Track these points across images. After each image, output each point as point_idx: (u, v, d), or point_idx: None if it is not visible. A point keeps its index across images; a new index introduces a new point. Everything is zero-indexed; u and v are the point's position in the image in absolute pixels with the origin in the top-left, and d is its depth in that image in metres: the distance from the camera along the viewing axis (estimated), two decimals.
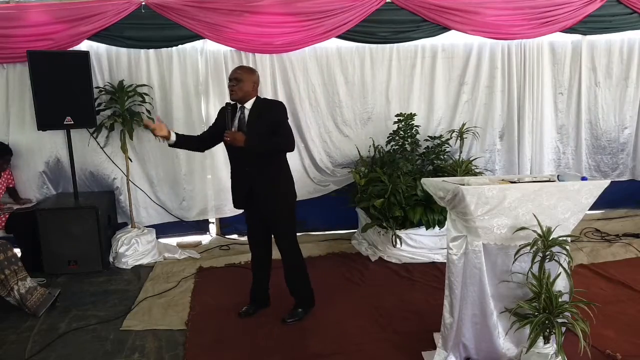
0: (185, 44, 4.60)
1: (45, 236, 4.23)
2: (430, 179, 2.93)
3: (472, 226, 2.64)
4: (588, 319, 2.61)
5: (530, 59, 5.05)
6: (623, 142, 5.44)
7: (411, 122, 4.69)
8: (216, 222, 5.22)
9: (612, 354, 2.93)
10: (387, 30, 4.77)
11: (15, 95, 4.46)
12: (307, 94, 4.88)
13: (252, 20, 4.53)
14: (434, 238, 4.41)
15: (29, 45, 4.21)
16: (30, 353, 3.13)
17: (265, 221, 3.39)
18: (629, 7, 4.96)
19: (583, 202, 2.66)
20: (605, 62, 5.22)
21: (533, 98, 5.13)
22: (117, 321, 3.51)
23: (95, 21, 4.31)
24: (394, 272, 4.23)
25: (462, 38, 4.93)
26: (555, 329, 2.52)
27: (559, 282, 2.65)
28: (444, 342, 2.84)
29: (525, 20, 4.86)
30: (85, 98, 4.24)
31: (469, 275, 2.69)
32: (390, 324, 3.38)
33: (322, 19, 4.60)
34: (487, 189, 2.56)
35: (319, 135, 4.99)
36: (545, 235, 2.52)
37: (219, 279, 4.16)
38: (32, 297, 3.57)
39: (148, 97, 4.54)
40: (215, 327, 3.41)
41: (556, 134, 5.33)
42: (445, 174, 4.53)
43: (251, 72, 3.30)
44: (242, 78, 3.20)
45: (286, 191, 3.36)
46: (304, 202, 5.07)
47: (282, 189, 3.33)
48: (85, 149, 4.64)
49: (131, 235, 4.56)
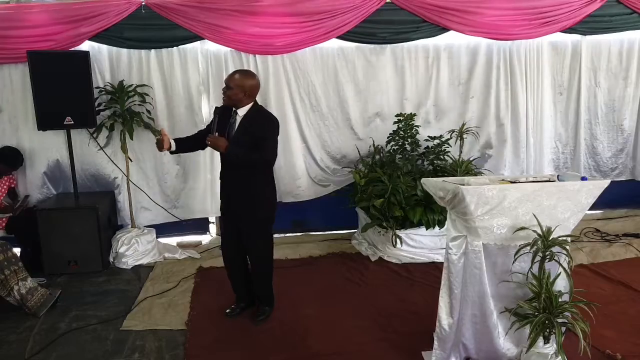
0: (185, 45, 4.60)
1: (45, 236, 4.23)
2: (430, 179, 2.93)
3: (472, 226, 2.64)
4: (588, 319, 2.61)
5: (530, 59, 5.05)
6: (622, 142, 5.44)
7: (411, 122, 4.70)
8: (216, 222, 5.22)
9: (612, 354, 2.93)
10: (387, 30, 4.77)
11: (18, 96, 4.47)
12: (307, 94, 4.88)
13: (252, 21, 4.53)
14: (434, 238, 4.41)
15: (30, 46, 4.20)
16: (31, 353, 3.13)
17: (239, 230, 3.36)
18: (629, 7, 4.96)
19: (583, 202, 2.66)
20: (605, 62, 5.22)
21: (533, 98, 5.13)
22: (117, 321, 3.51)
23: (96, 22, 4.32)
24: (394, 272, 4.23)
25: (462, 38, 4.93)
26: (555, 329, 2.53)
27: (559, 282, 2.66)
28: (440, 343, 2.82)
29: (525, 21, 4.86)
30: (85, 98, 4.24)
31: (468, 276, 2.70)
32: (390, 324, 3.38)
33: (322, 20, 4.61)
34: (487, 189, 2.56)
35: (319, 135, 4.99)
36: (545, 235, 2.52)
37: (219, 279, 4.14)
38: (32, 298, 3.57)
39: (148, 97, 4.54)
40: (215, 327, 3.41)
41: (556, 134, 5.34)
42: (445, 174, 4.53)
43: (244, 79, 3.19)
44: (232, 85, 3.17)
45: (264, 202, 3.32)
46: (304, 202, 5.10)
47: (260, 199, 3.29)
48: (86, 149, 4.64)
49: (131, 235, 4.56)
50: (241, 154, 3.14)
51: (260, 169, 3.26)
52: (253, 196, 3.26)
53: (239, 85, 3.17)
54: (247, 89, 3.19)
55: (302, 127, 4.92)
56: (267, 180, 3.34)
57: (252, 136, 3.16)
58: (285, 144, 4.89)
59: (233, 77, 3.21)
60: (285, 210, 5.01)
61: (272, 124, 3.25)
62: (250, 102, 3.24)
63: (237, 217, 3.35)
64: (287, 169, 4.96)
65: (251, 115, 3.22)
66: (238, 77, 3.20)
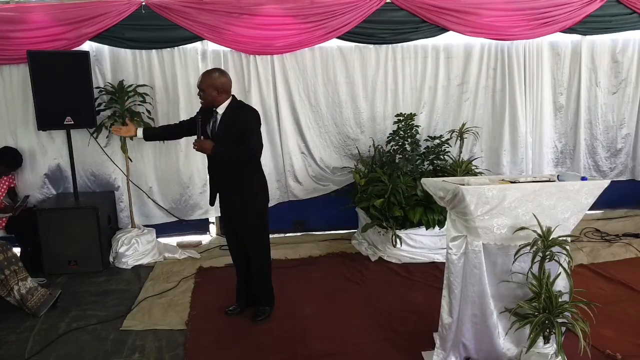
0: (186, 45, 4.60)
1: (45, 236, 4.23)
2: (430, 179, 2.93)
3: (472, 226, 2.64)
4: (588, 318, 2.61)
5: (530, 59, 5.06)
6: (622, 142, 5.44)
7: (411, 122, 4.70)
8: (216, 222, 5.22)
9: (612, 354, 2.93)
10: (386, 31, 4.78)
11: (19, 97, 4.47)
12: (307, 94, 4.89)
13: (252, 22, 4.53)
14: (434, 238, 4.41)
15: (33, 48, 4.20)
16: (31, 353, 3.13)
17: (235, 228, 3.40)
18: (628, 7, 4.97)
19: (583, 202, 2.66)
20: (605, 62, 5.23)
21: (533, 98, 5.13)
22: (117, 321, 3.51)
23: (97, 22, 4.33)
24: (394, 272, 4.24)
25: (462, 38, 4.93)
26: (555, 329, 2.53)
27: (559, 282, 2.65)
28: (442, 343, 2.84)
29: (525, 21, 4.86)
30: (86, 98, 4.25)
31: (469, 275, 2.70)
32: (390, 324, 3.38)
33: (323, 20, 4.61)
34: (487, 189, 2.56)
35: (319, 135, 5.00)
36: (545, 235, 2.52)
37: (219, 279, 4.15)
38: (32, 298, 3.57)
39: (148, 97, 4.54)
40: (215, 327, 3.41)
41: (555, 134, 5.34)
42: (445, 174, 4.53)
43: (212, 78, 3.17)
44: (203, 87, 3.18)
45: (255, 198, 3.34)
46: (304, 202, 5.10)
47: (251, 195, 3.31)
48: (86, 149, 4.64)
49: (131, 235, 4.56)
50: (227, 152, 3.16)
51: (247, 163, 3.27)
52: (244, 188, 3.27)
53: (210, 85, 3.17)
54: (219, 86, 3.19)
55: (302, 127, 4.92)
56: (256, 169, 3.34)
57: (234, 131, 3.18)
58: (285, 144, 4.90)
59: (202, 79, 3.20)
60: (285, 210, 5.03)
61: (251, 114, 3.26)
62: (227, 98, 3.25)
63: (232, 212, 3.36)
64: (287, 168, 4.97)
65: (230, 111, 3.24)
66: (206, 77, 3.21)
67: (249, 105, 3.41)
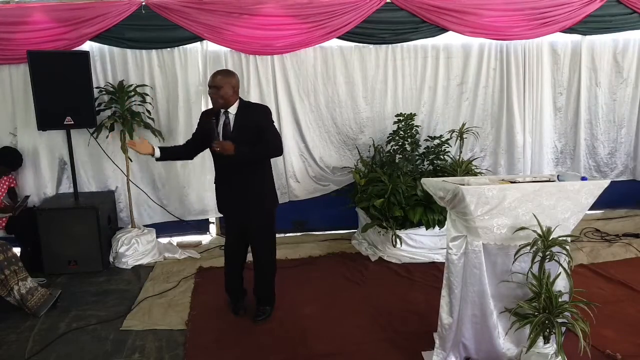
0: (186, 45, 4.61)
1: (45, 236, 4.23)
2: (430, 179, 2.93)
3: (472, 226, 2.64)
4: (588, 318, 2.61)
5: (530, 59, 5.06)
6: (622, 142, 5.44)
7: (411, 122, 4.70)
8: (216, 222, 5.22)
9: (612, 354, 2.93)
10: (386, 31, 4.78)
11: (19, 97, 4.47)
12: (307, 94, 4.89)
13: (252, 22, 4.54)
14: (434, 238, 4.41)
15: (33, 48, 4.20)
16: (31, 353, 3.13)
17: (244, 229, 3.39)
18: (628, 7, 4.97)
19: (583, 202, 2.66)
20: (605, 62, 5.23)
21: (533, 98, 5.13)
22: (117, 321, 3.51)
23: (97, 22, 4.33)
24: (394, 272, 4.23)
25: (461, 38, 4.94)
26: (555, 329, 2.52)
27: (559, 282, 2.65)
28: (442, 343, 2.83)
29: (525, 21, 4.87)
30: (86, 98, 4.24)
31: (468, 275, 2.70)
32: (390, 324, 3.38)
33: (323, 20, 4.62)
34: (487, 189, 2.56)
35: (319, 135, 5.00)
36: (545, 235, 2.52)
37: (219, 279, 4.12)
38: (32, 298, 3.57)
39: (148, 97, 4.54)
40: (215, 327, 3.41)
41: (555, 134, 5.34)
42: (445, 174, 4.53)
43: (229, 76, 3.20)
44: (221, 84, 3.15)
45: (267, 200, 3.37)
46: (304, 202, 5.10)
47: (264, 197, 3.33)
48: (86, 149, 4.64)
49: (131, 235, 4.56)
50: (249, 151, 3.14)
51: (261, 163, 3.28)
52: (257, 188, 3.28)
53: (228, 83, 3.17)
54: (235, 85, 3.21)
55: (302, 127, 4.92)
56: (267, 172, 3.36)
57: (252, 127, 3.17)
58: (285, 144, 4.88)
59: (218, 77, 3.18)
60: (285, 210, 5.02)
61: (266, 111, 3.29)
62: (237, 99, 3.25)
63: (244, 214, 3.34)
64: (287, 168, 4.97)
65: (243, 111, 3.23)
66: (223, 74, 3.21)
67: (256, 103, 3.43)
